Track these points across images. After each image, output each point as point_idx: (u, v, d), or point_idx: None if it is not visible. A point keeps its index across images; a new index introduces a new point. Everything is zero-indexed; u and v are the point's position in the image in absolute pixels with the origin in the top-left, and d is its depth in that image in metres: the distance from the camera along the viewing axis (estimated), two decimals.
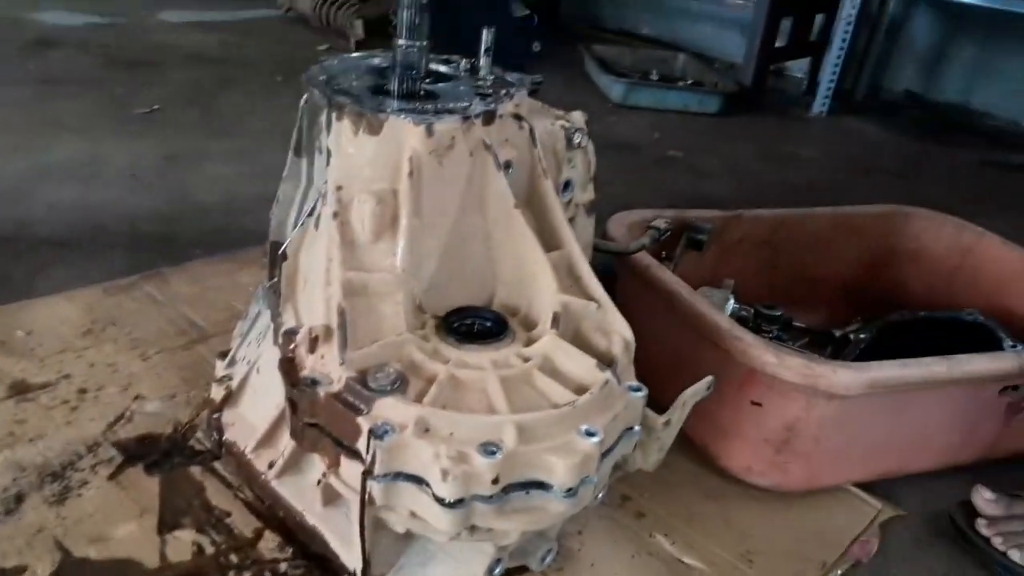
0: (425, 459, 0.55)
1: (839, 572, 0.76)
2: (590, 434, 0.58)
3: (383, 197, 0.64)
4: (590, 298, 0.67)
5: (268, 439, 0.75)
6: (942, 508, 0.86)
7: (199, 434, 0.83)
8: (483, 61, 0.74)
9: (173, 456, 0.80)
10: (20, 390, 0.85)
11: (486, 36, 0.73)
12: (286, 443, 0.73)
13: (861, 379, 0.74)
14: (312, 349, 0.62)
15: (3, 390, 0.85)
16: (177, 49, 2.34)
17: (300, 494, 0.72)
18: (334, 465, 0.61)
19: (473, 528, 0.59)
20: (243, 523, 0.73)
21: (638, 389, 0.64)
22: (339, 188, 0.65)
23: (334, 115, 0.65)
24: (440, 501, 0.55)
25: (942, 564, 0.80)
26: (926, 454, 0.88)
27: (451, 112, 0.65)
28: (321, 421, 0.60)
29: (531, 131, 0.71)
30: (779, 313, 1.06)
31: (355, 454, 0.59)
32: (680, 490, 0.83)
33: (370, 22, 2.53)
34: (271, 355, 0.75)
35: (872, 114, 2.66)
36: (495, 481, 0.55)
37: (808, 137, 2.45)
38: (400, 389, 0.58)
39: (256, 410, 0.77)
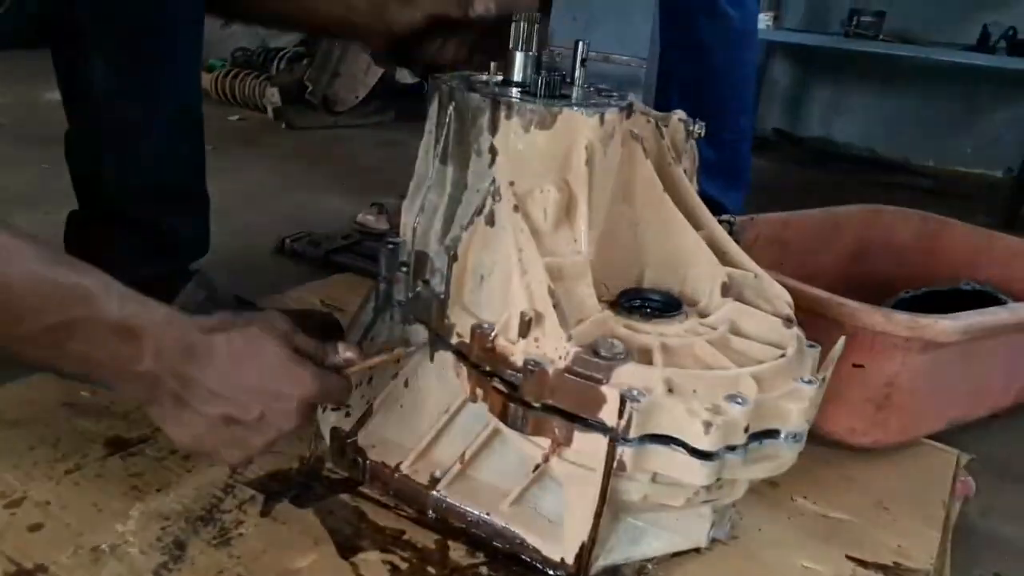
0: (680, 416, 0.58)
1: (957, 506, 0.83)
2: (808, 382, 0.62)
3: (561, 187, 0.67)
4: (744, 269, 0.73)
5: (428, 451, 0.74)
6: (1000, 448, 0.96)
7: (328, 464, 0.80)
8: (579, 71, 0.79)
9: (313, 488, 0.76)
10: (119, 446, 0.79)
11: (581, 48, 0.78)
12: (453, 450, 0.72)
13: (957, 327, 0.83)
14: (524, 334, 0.63)
15: (101, 449, 0.78)
16: None
17: (476, 498, 0.71)
18: (564, 444, 0.62)
19: (710, 486, 0.61)
20: (422, 538, 0.71)
21: (812, 345, 0.69)
22: (512, 183, 0.67)
23: (502, 114, 0.67)
24: (698, 455, 0.58)
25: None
26: (981, 401, 0.98)
27: (610, 105, 0.69)
28: (553, 400, 0.61)
29: (657, 124, 0.76)
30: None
31: (593, 426, 0.60)
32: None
33: (285, 89, 2.52)
34: (422, 364, 0.75)
35: (753, 151, 2.93)
36: (746, 430, 0.58)
37: None
38: (630, 358, 0.60)
39: (405, 425, 0.76)
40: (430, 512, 0.73)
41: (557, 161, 0.68)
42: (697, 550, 0.72)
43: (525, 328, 0.63)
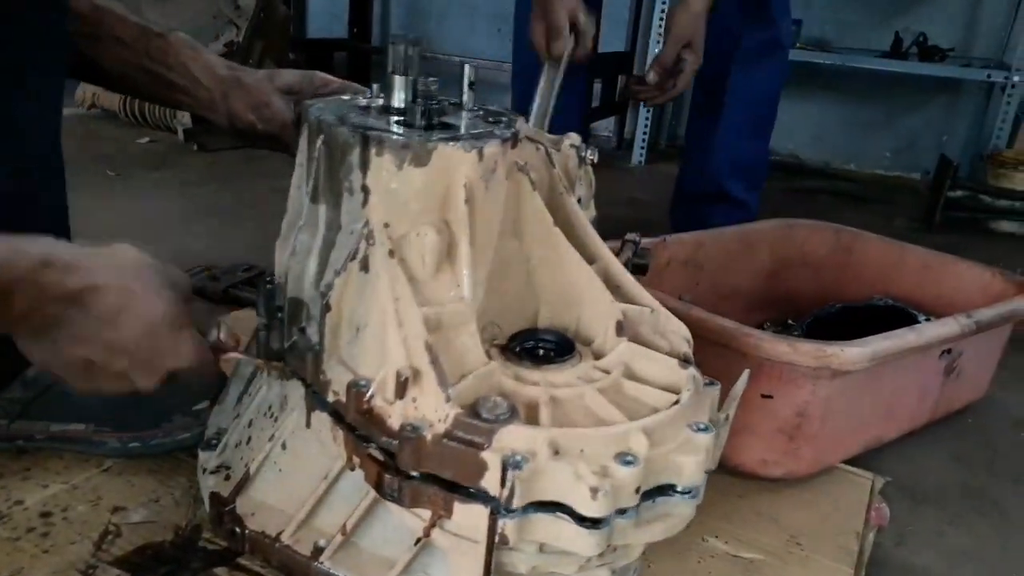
0: (565, 482, 0.53)
1: (870, 537, 0.81)
2: (701, 429, 0.59)
3: (440, 228, 0.62)
4: (640, 304, 0.69)
5: (309, 519, 0.68)
6: (914, 469, 0.95)
7: (206, 534, 0.73)
8: (467, 95, 0.74)
9: (189, 562, 0.70)
10: None
11: (468, 71, 0.74)
12: (337, 518, 0.67)
13: (865, 353, 0.81)
14: (400, 395, 0.57)
15: None
16: None
17: (362, 570, 0.66)
18: (444, 515, 0.56)
19: (603, 552, 0.57)
20: None
21: (711, 383, 0.65)
22: (386, 225, 0.62)
23: (372, 151, 0.62)
24: (584, 523, 0.53)
25: (943, 515, 0.88)
26: (895, 422, 0.97)
27: (492, 136, 0.64)
28: (431, 468, 0.56)
29: (547, 152, 0.72)
30: None
31: (474, 495, 0.55)
32: (706, 494, 0.85)
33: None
34: (301, 425, 0.69)
35: (670, 161, 2.95)
36: (637, 491, 0.54)
37: (637, 183, 2.66)
38: (515, 417, 0.56)
39: (284, 490, 0.70)
40: None
41: (435, 200, 0.63)
42: None
43: (401, 388, 0.58)
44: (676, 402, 0.59)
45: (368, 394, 0.59)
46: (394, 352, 0.59)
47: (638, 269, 1.10)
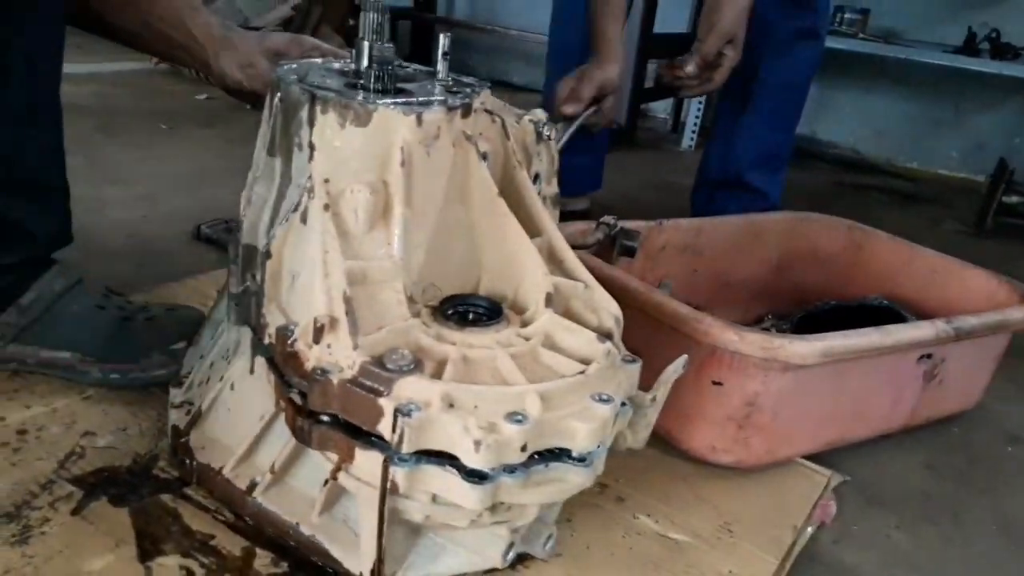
0: (454, 433, 0.55)
1: (809, 532, 0.81)
2: (603, 400, 0.60)
3: (376, 187, 0.65)
4: (576, 279, 0.70)
5: (248, 456, 0.72)
6: (879, 472, 0.94)
7: (162, 463, 0.78)
8: (440, 64, 0.76)
9: (139, 487, 0.75)
10: None
11: (443, 41, 0.75)
12: (270, 457, 0.71)
13: (816, 349, 0.80)
14: (317, 340, 0.61)
15: None
16: None
17: (290, 507, 0.70)
18: (347, 460, 0.60)
19: (494, 508, 0.59)
20: (230, 543, 0.69)
21: (632, 360, 0.67)
22: (327, 181, 0.65)
23: (318, 109, 0.65)
24: (469, 475, 0.56)
25: (892, 519, 0.87)
26: (864, 423, 0.95)
27: (436, 103, 0.66)
28: (336, 410, 0.59)
29: (503, 124, 0.74)
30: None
31: (373, 442, 0.58)
32: (651, 474, 0.86)
33: None
34: (246, 368, 0.73)
35: None
36: (523, 448, 0.56)
37: (684, 168, 2.61)
38: (418, 370, 0.58)
39: (231, 428, 0.74)
40: (247, 518, 0.71)
41: (375, 160, 0.66)
42: (514, 566, 0.70)
43: (318, 334, 0.61)
44: (581, 372, 0.61)
45: (292, 338, 0.63)
46: (317, 300, 0.62)
47: (625, 251, 1.12)
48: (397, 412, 0.55)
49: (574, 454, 0.59)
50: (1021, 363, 1.15)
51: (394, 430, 0.56)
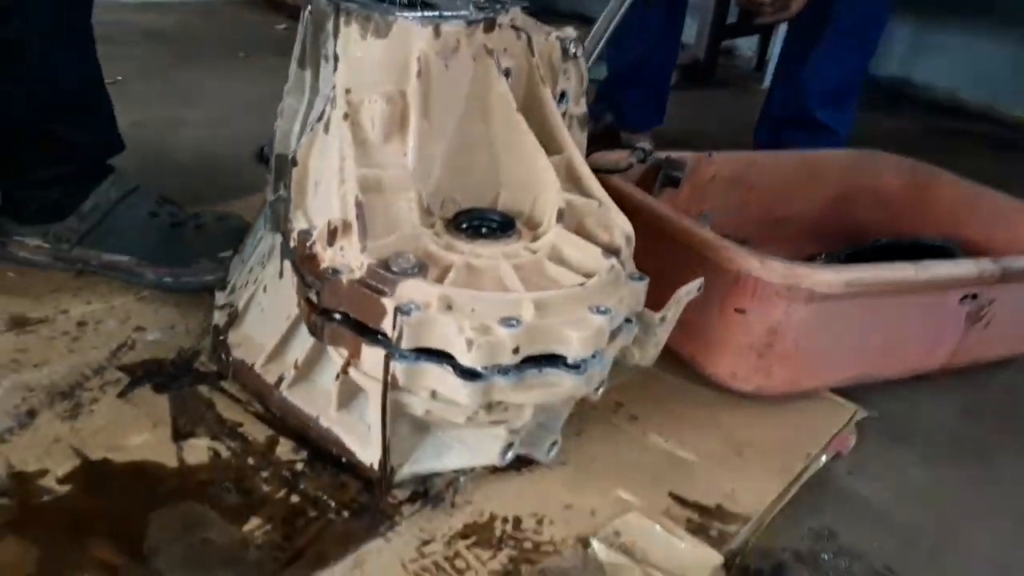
0: (450, 333, 0.58)
1: (822, 460, 0.81)
2: (600, 312, 0.61)
3: (392, 98, 0.67)
4: (591, 197, 0.71)
5: (277, 353, 0.77)
6: (911, 412, 0.93)
7: (203, 358, 0.84)
8: None
9: (180, 378, 0.81)
10: (19, 324, 0.85)
11: None
12: (296, 354, 0.75)
13: (839, 279, 0.79)
14: (331, 242, 0.64)
15: (1, 324, 0.85)
16: (133, 27, 2.31)
17: (312, 401, 0.74)
18: (355, 356, 0.63)
19: (490, 407, 0.62)
20: (256, 431, 0.75)
21: (640, 278, 0.67)
22: (348, 91, 0.67)
23: (342, 20, 0.67)
24: (463, 373, 0.58)
25: (914, 457, 0.86)
26: (896, 361, 0.93)
27: (455, 16, 0.68)
28: (344, 307, 0.62)
29: (529, 40, 0.74)
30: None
31: (378, 339, 0.61)
32: (670, 398, 0.87)
33: None
34: (277, 272, 0.77)
35: None
36: (516, 351, 0.58)
37: (758, 106, 2.53)
38: (421, 274, 0.61)
39: (264, 327, 0.79)
40: (274, 410, 0.77)
41: (394, 71, 0.67)
42: (518, 469, 0.73)
43: (331, 237, 0.64)
44: (580, 284, 0.62)
45: (310, 241, 0.66)
46: (334, 205, 0.65)
47: (669, 181, 1.11)
48: (397, 311, 0.58)
49: (568, 361, 0.61)
50: None
51: (394, 327, 0.59)
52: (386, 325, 0.60)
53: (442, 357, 0.59)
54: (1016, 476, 0.85)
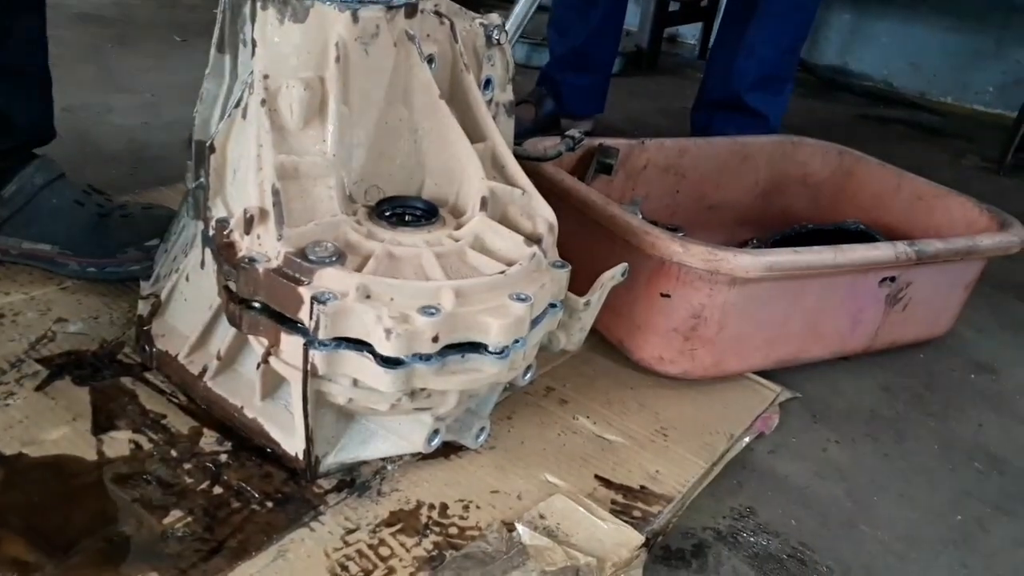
0: (368, 322, 0.58)
1: (745, 440, 0.83)
2: (521, 299, 0.62)
3: (311, 84, 0.66)
4: (515, 185, 0.71)
5: (200, 343, 0.76)
6: (832, 392, 0.96)
7: (127, 350, 0.82)
8: None
9: (102, 370, 0.79)
10: None
11: None
12: (219, 344, 0.74)
13: (759, 263, 0.81)
14: (248, 231, 0.63)
15: None
16: (69, 8, 2.24)
17: (237, 391, 0.73)
18: (275, 345, 0.63)
19: (413, 395, 0.62)
20: (179, 423, 0.74)
21: (562, 265, 0.68)
22: (266, 76, 0.66)
23: (259, 5, 0.66)
24: (383, 361, 0.58)
25: (833, 435, 0.89)
26: (818, 343, 0.96)
27: (375, 2, 0.67)
28: (261, 297, 0.62)
29: (452, 26, 0.74)
30: (682, 234, 1.13)
31: (296, 328, 0.61)
32: (598, 381, 0.89)
33: None
34: (199, 260, 0.76)
35: None
36: (435, 340, 0.59)
37: None
38: (339, 262, 0.61)
39: (187, 317, 0.78)
40: (199, 401, 0.76)
41: (313, 57, 0.67)
42: (447, 455, 0.73)
43: (248, 225, 0.63)
44: (501, 272, 0.62)
45: (228, 229, 0.65)
46: (251, 193, 0.64)
47: (602, 168, 1.12)
48: (314, 300, 0.58)
49: (490, 348, 0.61)
50: (999, 293, 1.14)
51: (311, 317, 0.59)
52: (303, 314, 0.59)
53: (362, 345, 0.59)
54: (924, 451, 0.89)
